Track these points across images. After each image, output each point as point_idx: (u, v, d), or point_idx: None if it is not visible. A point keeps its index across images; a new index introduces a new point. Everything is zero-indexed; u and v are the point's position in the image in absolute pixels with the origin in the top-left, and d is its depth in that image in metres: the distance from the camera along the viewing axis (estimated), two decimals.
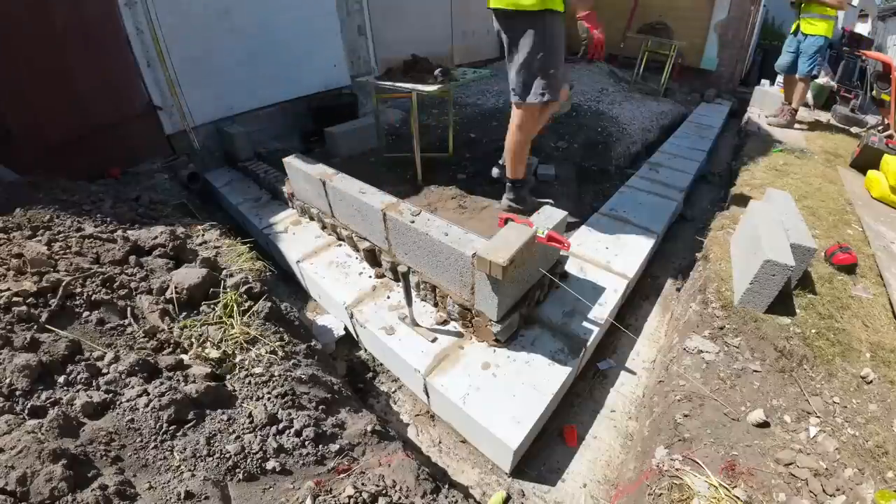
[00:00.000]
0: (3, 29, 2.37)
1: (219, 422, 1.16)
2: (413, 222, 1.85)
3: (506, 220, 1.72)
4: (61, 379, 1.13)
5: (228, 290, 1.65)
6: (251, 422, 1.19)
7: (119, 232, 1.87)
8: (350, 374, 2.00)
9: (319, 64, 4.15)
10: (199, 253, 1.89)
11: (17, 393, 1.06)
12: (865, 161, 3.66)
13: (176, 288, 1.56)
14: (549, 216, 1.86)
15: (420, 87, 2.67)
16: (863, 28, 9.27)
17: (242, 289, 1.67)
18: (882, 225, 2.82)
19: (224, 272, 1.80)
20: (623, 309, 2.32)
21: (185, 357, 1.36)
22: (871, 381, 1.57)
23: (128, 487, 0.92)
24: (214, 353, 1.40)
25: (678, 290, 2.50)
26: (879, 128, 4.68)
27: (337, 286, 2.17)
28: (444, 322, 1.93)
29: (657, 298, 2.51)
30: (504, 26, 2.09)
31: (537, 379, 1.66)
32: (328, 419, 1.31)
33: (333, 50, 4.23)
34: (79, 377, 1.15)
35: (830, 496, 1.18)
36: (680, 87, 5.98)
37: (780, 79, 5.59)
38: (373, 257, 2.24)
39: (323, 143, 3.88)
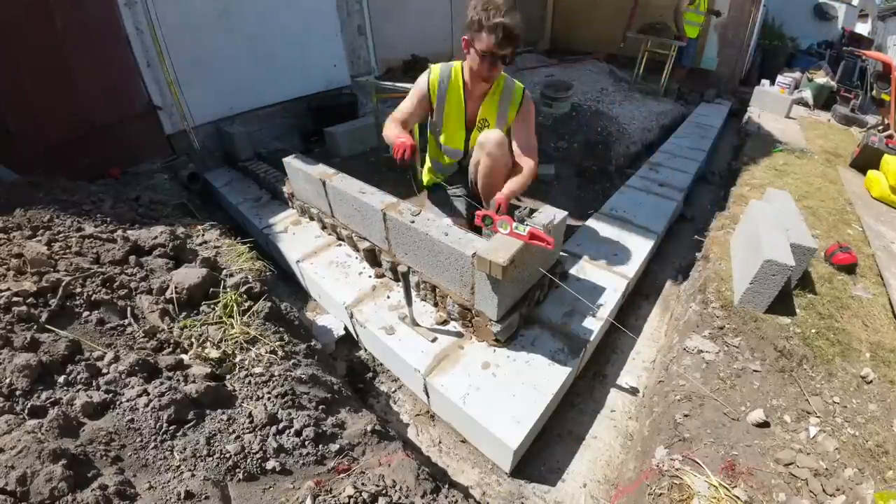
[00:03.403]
0: (3, 29, 2.37)
1: (219, 422, 1.15)
2: (413, 222, 1.84)
3: (483, 217, 1.65)
4: (61, 379, 1.13)
5: (228, 290, 1.65)
6: (251, 422, 1.18)
7: (119, 232, 1.87)
8: (350, 374, 2.00)
9: (319, 64, 4.14)
10: (199, 253, 1.89)
11: (17, 393, 1.05)
12: (865, 161, 3.66)
13: (176, 288, 1.56)
14: (549, 216, 1.86)
15: None
16: (863, 28, 9.28)
17: (242, 289, 1.67)
18: (882, 225, 2.82)
19: (224, 272, 1.79)
20: (623, 309, 2.32)
21: (185, 357, 1.36)
22: (871, 381, 1.58)
23: (128, 487, 0.92)
24: (214, 353, 1.39)
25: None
26: (879, 128, 4.68)
27: (337, 286, 2.17)
28: (444, 322, 1.93)
29: (657, 298, 2.51)
30: None
31: (537, 379, 1.65)
32: (328, 419, 1.31)
33: (333, 50, 4.22)
34: (79, 377, 1.15)
35: (830, 496, 1.18)
36: (680, 87, 5.98)
37: (779, 78, 5.60)
38: (373, 257, 2.24)
39: (323, 143, 3.88)
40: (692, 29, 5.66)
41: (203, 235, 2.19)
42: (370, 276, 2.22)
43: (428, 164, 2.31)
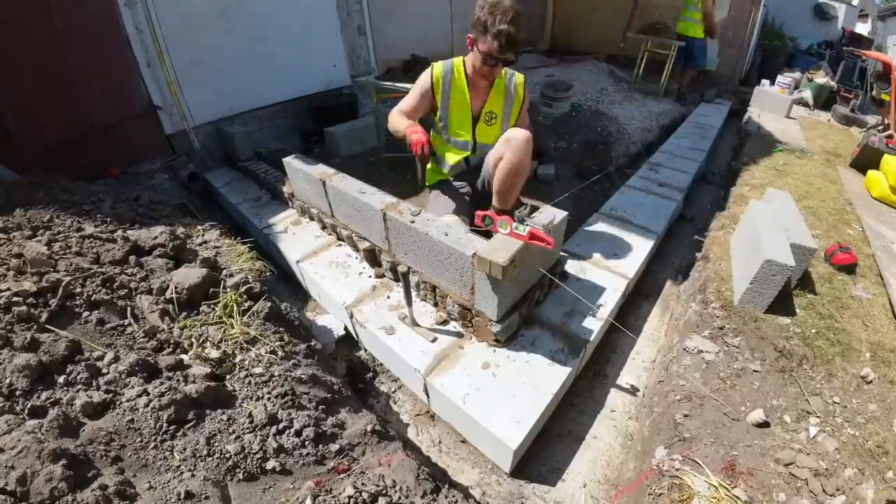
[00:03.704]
0: (3, 29, 2.37)
1: (219, 422, 1.15)
2: (413, 222, 1.84)
3: (483, 217, 1.64)
4: (61, 379, 1.13)
5: (228, 290, 1.65)
6: (251, 422, 1.18)
7: (119, 232, 1.87)
8: (350, 374, 2.00)
9: (319, 64, 4.14)
10: (199, 253, 1.89)
11: (17, 393, 1.05)
12: (865, 161, 3.66)
13: (176, 288, 1.56)
14: (549, 216, 1.86)
15: None
16: (863, 28, 9.28)
17: (242, 289, 1.67)
18: (882, 225, 2.82)
19: (224, 272, 1.79)
20: (623, 309, 2.32)
21: (185, 357, 1.36)
22: (871, 381, 1.58)
23: (128, 487, 0.92)
24: (214, 353, 1.39)
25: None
26: (879, 128, 4.68)
27: (337, 286, 2.17)
28: (444, 322, 1.93)
29: (657, 298, 2.51)
30: None
31: (537, 379, 1.65)
32: (328, 419, 1.31)
33: (333, 50, 4.22)
34: (79, 377, 1.15)
35: (830, 496, 1.18)
36: (680, 87, 5.98)
37: (779, 78, 5.60)
38: (373, 257, 2.24)
39: (323, 143, 3.88)
40: (697, 28, 5.63)
41: (203, 235, 2.19)
42: (370, 276, 2.22)
43: (431, 163, 2.32)
